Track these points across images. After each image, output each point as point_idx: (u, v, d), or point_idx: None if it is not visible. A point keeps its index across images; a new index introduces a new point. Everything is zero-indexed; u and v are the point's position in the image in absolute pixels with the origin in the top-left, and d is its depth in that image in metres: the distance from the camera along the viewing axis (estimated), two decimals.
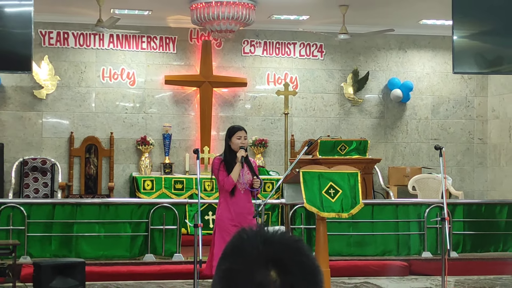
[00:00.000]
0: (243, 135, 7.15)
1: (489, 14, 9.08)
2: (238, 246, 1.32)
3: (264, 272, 1.26)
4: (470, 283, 9.03)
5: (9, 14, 8.26)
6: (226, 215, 7.10)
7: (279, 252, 1.29)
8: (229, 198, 7.07)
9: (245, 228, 1.35)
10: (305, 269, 1.29)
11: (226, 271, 1.31)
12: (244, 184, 7.05)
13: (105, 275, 8.34)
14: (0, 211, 8.58)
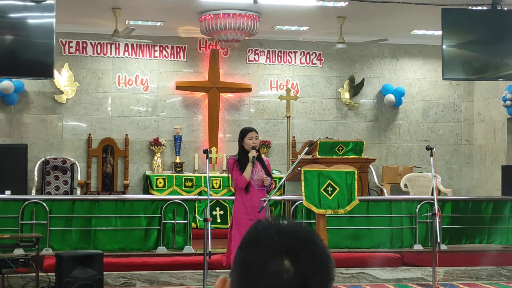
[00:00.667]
0: (254, 135, 7.18)
1: (475, 25, 9.09)
2: (254, 237, 1.32)
3: (278, 261, 1.26)
4: (458, 274, 9.02)
5: (33, 25, 8.27)
6: (242, 210, 7.13)
7: (292, 243, 1.29)
8: (244, 194, 7.11)
9: (261, 220, 1.35)
10: (317, 258, 1.29)
11: (242, 261, 1.31)
12: (257, 181, 7.07)
13: (121, 266, 8.33)
14: (24, 207, 8.57)
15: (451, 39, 9.07)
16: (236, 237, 7.20)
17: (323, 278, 1.29)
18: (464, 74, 9.67)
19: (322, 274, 1.29)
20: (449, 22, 8.93)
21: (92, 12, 10.76)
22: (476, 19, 9.05)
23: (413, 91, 13.31)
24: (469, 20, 9.05)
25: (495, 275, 9.13)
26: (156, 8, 10.53)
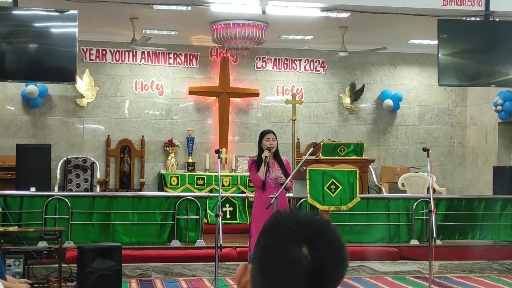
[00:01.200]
0: (271, 137, 7.17)
1: (469, 35, 9.08)
2: (274, 225, 1.33)
3: (297, 248, 1.27)
4: (452, 267, 9.02)
5: (57, 34, 8.29)
6: (259, 206, 7.16)
7: (310, 231, 1.30)
8: (261, 191, 7.12)
9: (280, 210, 1.36)
10: (332, 246, 1.30)
11: (263, 247, 1.32)
12: (273, 180, 7.08)
13: (137, 258, 8.36)
14: (48, 203, 8.60)
15: (446, 48, 9.06)
16: (254, 232, 7.23)
17: (338, 265, 1.31)
18: (458, 80, 9.65)
19: (338, 261, 1.30)
20: (445, 32, 8.93)
21: (111, 22, 10.80)
22: (469, 29, 9.05)
23: (410, 96, 13.30)
24: (463, 30, 9.05)
25: (487, 269, 9.12)
26: (170, 18, 10.55)
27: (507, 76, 9.24)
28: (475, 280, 8.53)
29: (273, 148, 7.17)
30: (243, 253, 8.47)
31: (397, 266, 8.87)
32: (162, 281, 8.02)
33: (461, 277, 8.67)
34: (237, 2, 8.62)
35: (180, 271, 8.40)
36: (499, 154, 12.21)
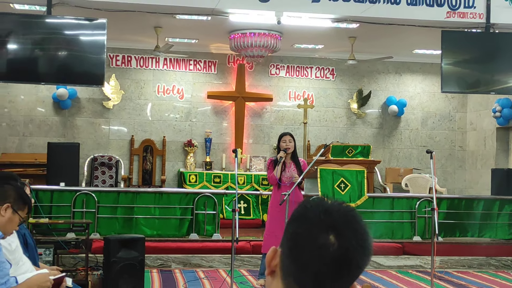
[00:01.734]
0: (287, 139, 7.17)
1: (470, 46, 9.03)
2: (303, 214, 1.32)
3: (325, 236, 1.26)
4: (452, 262, 8.98)
5: (87, 42, 8.30)
6: (274, 203, 7.15)
7: (337, 220, 1.29)
8: (276, 189, 7.12)
9: (309, 199, 1.36)
10: (358, 234, 1.29)
11: (292, 234, 1.31)
12: (288, 178, 7.06)
13: (159, 249, 8.37)
14: (76, 197, 8.63)
15: (449, 57, 9.01)
16: (267, 226, 7.24)
17: (363, 252, 1.29)
18: (460, 88, 9.60)
19: (363, 248, 1.29)
20: (448, 42, 8.88)
21: (136, 30, 10.83)
22: (471, 40, 9.00)
23: (413, 102, 13.26)
24: (465, 41, 9.00)
25: (485, 265, 9.07)
26: (192, 27, 10.56)
27: (506, 85, 9.18)
28: (474, 274, 8.48)
29: (290, 149, 7.15)
30: (256, 246, 8.45)
31: (400, 260, 8.84)
32: (181, 271, 8.02)
33: (460, 272, 8.63)
34: (254, 13, 8.60)
35: (198, 262, 8.41)
36: (497, 158, 12.15)
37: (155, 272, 7.94)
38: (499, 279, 8.26)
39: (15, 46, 8.13)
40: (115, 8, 8.28)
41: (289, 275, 1.30)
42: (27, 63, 8.19)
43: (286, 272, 1.31)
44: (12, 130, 11.96)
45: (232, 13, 8.66)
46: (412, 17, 8.73)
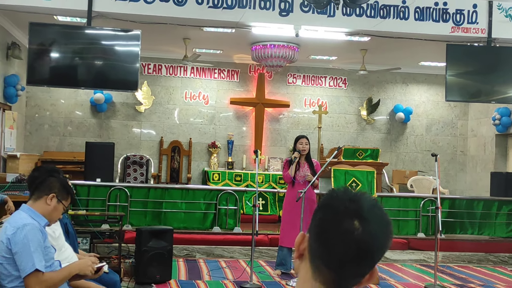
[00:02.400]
0: (304, 141, 7.19)
1: (473, 59, 8.96)
2: (330, 202, 1.32)
3: (350, 222, 1.27)
4: (453, 258, 8.90)
5: (123, 51, 8.34)
6: (287, 199, 7.16)
7: (361, 208, 1.29)
8: (291, 186, 7.12)
9: (335, 189, 1.36)
10: (381, 221, 1.30)
11: (320, 220, 1.31)
12: (301, 177, 7.06)
13: (185, 240, 8.38)
14: (111, 192, 8.67)
15: (453, 69, 8.95)
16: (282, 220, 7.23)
17: (384, 236, 1.30)
18: (462, 97, 9.54)
19: (384, 233, 1.30)
20: (452, 55, 8.83)
21: (167, 41, 10.88)
22: (474, 53, 8.93)
23: (419, 110, 13.18)
24: (468, 54, 8.92)
25: (484, 260, 8.99)
26: (217, 39, 10.60)
27: (505, 95, 9.11)
28: (474, 269, 8.40)
29: (305, 151, 7.15)
30: (274, 239, 8.44)
31: (405, 255, 8.77)
32: (205, 261, 8.03)
33: (461, 266, 8.55)
34: (275, 26, 8.60)
35: (220, 253, 8.41)
36: (495, 162, 12.04)
37: (181, 261, 7.95)
38: (497, 273, 8.17)
39: (57, 55, 8.19)
40: (149, 20, 8.33)
41: (317, 257, 1.30)
42: (68, 69, 8.25)
43: (314, 255, 1.31)
44: (53, 130, 12.06)
45: (254, 26, 8.66)
46: (419, 32, 8.69)
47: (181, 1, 8.15)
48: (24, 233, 3.01)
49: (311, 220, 1.34)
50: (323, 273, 1.29)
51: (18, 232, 3.02)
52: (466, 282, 7.39)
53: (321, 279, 1.30)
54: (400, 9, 8.57)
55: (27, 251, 2.98)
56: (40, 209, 3.20)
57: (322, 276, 1.29)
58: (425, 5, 8.61)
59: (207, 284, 6.55)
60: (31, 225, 3.06)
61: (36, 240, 3.03)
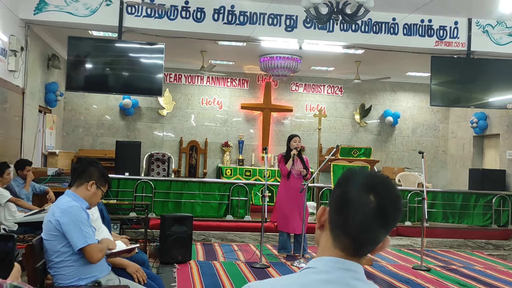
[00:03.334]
0: (297, 140, 7.15)
1: (454, 69, 8.93)
2: (348, 178, 1.32)
3: (366, 195, 1.27)
4: (436, 243, 8.88)
5: (148, 64, 8.35)
6: (283, 191, 7.12)
7: (375, 183, 1.29)
8: (286, 179, 7.08)
9: (351, 168, 1.36)
10: (392, 196, 1.30)
11: (339, 194, 1.31)
12: (296, 172, 7.04)
13: (202, 227, 8.39)
14: (137, 184, 8.69)
15: (437, 78, 8.92)
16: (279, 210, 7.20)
17: (396, 209, 1.30)
18: (444, 103, 9.49)
19: (395, 206, 1.30)
20: (436, 66, 8.80)
21: (186, 54, 10.90)
22: (455, 65, 8.89)
23: (406, 115, 13.14)
24: (450, 65, 8.88)
25: (463, 245, 8.96)
26: (230, 52, 10.61)
27: (482, 101, 9.07)
28: (454, 253, 8.37)
29: (299, 147, 7.15)
30: None
31: (394, 240, 8.75)
32: (220, 245, 8.02)
33: (443, 251, 8.52)
34: (281, 40, 8.61)
35: (232, 238, 8.41)
36: (473, 160, 11.99)
37: (199, 244, 7.95)
38: (475, 257, 8.14)
39: (92, 65, 8.21)
40: (171, 35, 8.35)
41: (337, 227, 1.30)
42: (101, 77, 8.27)
43: (334, 225, 1.31)
44: (87, 131, 12.10)
45: (263, 40, 8.67)
46: (407, 45, 8.68)
47: (199, 18, 8.16)
48: (72, 213, 3.02)
49: (331, 194, 1.34)
50: (342, 241, 1.29)
51: (66, 213, 3.03)
52: (448, 264, 7.36)
53: (340, 246, 1.30)
54: (390, 26, 8.56)
55: (78, 228, 3.00)
56: (81, 194, 3.21)
57: (341, 244, 1.29)
58: (412, 22, 8.60)
59: (222, 264, 6.55)
60: (75, 206, 3.08)
61: (82, 217, 3.05)
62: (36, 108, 9.20)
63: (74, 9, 7.92)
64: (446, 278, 6.35)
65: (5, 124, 7.50)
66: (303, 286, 1.24)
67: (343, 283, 1.25)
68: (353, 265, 1.28)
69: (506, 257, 8.61)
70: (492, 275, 6.65)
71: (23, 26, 8.03)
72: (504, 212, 9.63)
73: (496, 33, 8.76)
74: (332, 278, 1.25)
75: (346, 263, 1.28)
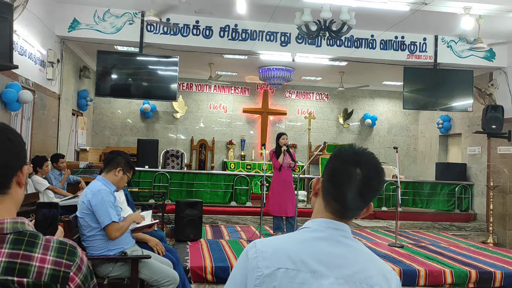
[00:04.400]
0: (285, 137, 7.13)
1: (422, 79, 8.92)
2: (339, 154, 1.34)
3: (353, 168, 1.29)
4: (408, 225, 8.89)
5: (165, 74, 8.35)
6: (275, 182, 7.11)
7: (362, 159, 1.31)
8: (278, 171, 7.07)
9: (343, 145, 1.37)
10: (375, 168, 1.32)
11: (332, 167, 1.33)
12: (286, 164, 7.03)
13: (210, 211, 8.40)
14: (155, 176, 8.71)
15: (408, 86, 8.92)
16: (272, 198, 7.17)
17: (378, 180, 1.32)
18: (414, 107, 9.46)
19: (378, 178, 1.32)
20: (408, 76, 8.80)
21: (197, 66, 10.90)
22: (424, 74, 8.89)
23: (382, 118, 13.15)
24: (420, 75, 8.87)
25: (431, 227, 8.98)
26: (233, 64, 10.60)
27: (446, 105, 9.07)
28: (424, 233, 8.39)
29: (287, 143, 7.14)
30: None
31: (372, 223, 8.77)
32: (225, 226, 8.04)
33: (414, 231, 8.53)
34: (277, 53, 8.61)
35: (236, 221, 8.43)
36: (439, 155, 12.00)
37: (208, 226, 7.97)
38: (441, 236, 8.16)
39: (116, 75, 8.22)
40: (184, 49, 8.34)
41: (328, 194, 1.32)
42: (124, 86, 8.26)
43: (326, 193, 1.32)
44: (112, 131, 12.10)
45: (262, 53, 8.67)
46: (383, 58, 8.68)
47: (208, 35, 8.17)
48: (101, 196, 3.04)
49: (325, 167, 1.36)
50: (332, 205, 1.31)
51: (96, 195, 3.05)
52: (418, 242, 7.37)
53: (331, 210, 1.31)
54: (369, 41, 8.57)
55: (104, 208, 3.01)
56: (110, 179, 3.22)
57: (332, 208, 1.31)
58: (388, 38, 8.61)
59: (227, 242, 6.56)
60: (104, 190, 3.09)
61: (109, 200, 3.06)
62: (69, 112, 9.20)
63: (102, 27, 7.93)
64: (417, 253, 6.36)
65: (44, 125, 7.51)
66: (300, 241, 1.25)
67: (333, 240, 1.27)
68: (342, 225, 1.30)
69: (467, 236, 8.63)
70: (455, 251, 6.68)
71: (59, 41, 8.04)
72: (465, 199, 9.65)
73: (458, 48, 8.77)
74: (324, 236, 1.27)
75: (336, 223, 1.29)
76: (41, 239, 1.13)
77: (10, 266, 1.07)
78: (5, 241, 1.10)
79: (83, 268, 1.16)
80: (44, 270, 1.09)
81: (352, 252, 1.26)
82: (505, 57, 8.79)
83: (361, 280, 1.22)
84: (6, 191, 1.15)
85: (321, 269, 1.20)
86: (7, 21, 3.99)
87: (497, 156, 9.04)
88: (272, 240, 1.28)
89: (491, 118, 8.49)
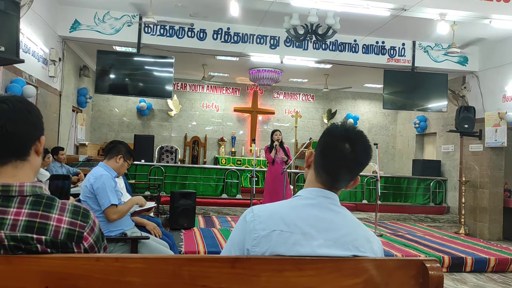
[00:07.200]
0: (278, 133, 7.19)
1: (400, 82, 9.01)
2: (331, 130, 1.36)
3: (344, 144, 1.31)
4: (387, 217, 8.99)
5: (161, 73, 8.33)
6: (269, 176, 7.16)
7: (351, 135, 1.33)
8: (271, 165, 7.13)
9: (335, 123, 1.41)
10: (363, 144, 1.34)
11: (324, 142, 1.36)
12: (279, 159, 7.10)
13: (202, 203, 8.42)
14: (151, 169, 8.69)
15: (388, 88, 9.00)
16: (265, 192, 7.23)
17: (366, 156, 1.35)
18: (393, 107, 9.53)
19: (366, 153, 1.35)
20: (387, 79, 8.87)
21: (190, 67, 10.89)
22: (402, 77, 8.98)
23: (363, 118, 13.26)
24: (399, 78, 8.96)
25: (408, 219, 9.09)
26: (225, 65, 10.59)
27: (423, 106, 9.18)
28: (401, 224, 8.50)
29: (279, 140, 7.20)
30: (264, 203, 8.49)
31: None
32: (217, 217, 8.06)
33: (392, 222, 8.64)
34: (266, 56, 8.63)
35: (227, 212, 8.45)
36: (415, 153, 12.14)
37: (200, 216, 7.98)
38: (417, 227, 8.28)
39: (115, 74, 8.18)
40: (179, 50, 8.34)
41: (319, 166, 1.35)
42: (122, 84, 8.22)
43: (318, 165, 1.36)
44: (110, 128, 12.03)
45: (252, 55, 8.70)
46: (365, 61, 8.76)
47: (202, 37, 8.18)
48: (103, 180, 3.05)
49: (318, 141, 1.39)
50: (323, 177, 1.35)
51: (98, 179, 3.06)
52: (396, 231, 7.48)
53: (321, 180, 1.35)
54: (352, 45, 8.65)
55: (105, 192, 3.02)
56: (111, 165, 3.24)
57: (322, 179, 1.35)
58: (369, 43, 8.70)
59: (219, 230, 6.58)
60: (106, 175, 3.10)
61: (110, 184, 3.07)
62: (70, 108, 9.14)
63: (102, 28, 7.90)
64: (394, 241, 6.46)
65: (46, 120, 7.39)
66: (293, 207, 1.30)
67: (323, 207, 1.31)
68: (331, 194, 1.34)
69: (440, 227, 8.77)
70: (430, 239, 6.79)
71: (61, 41, 7.99)
72: (439, 193, 9.79)
73: (434, 53, 8.90)
74: (315, 203, 1.31)
75: (326, 192, 1.34)
76: (57, 201, 1.17)
77: (30, 224, 1.10)
78: (25, 202, 1.13)
79: (96, 230, 1.20)
80: (60, 229, 1.13)
81: (340, 217, 1.31)
82: (477, 62, 8.94)
83: (348, 242, 1.27)
84: (26, 158, 1.18)
85: (312, 231, 1.25)
86: (15, 18, 3.98)
87: (469, 154, 9.19)
88: (267, 206, 1.32)
89: (463, 118, 8.64)
